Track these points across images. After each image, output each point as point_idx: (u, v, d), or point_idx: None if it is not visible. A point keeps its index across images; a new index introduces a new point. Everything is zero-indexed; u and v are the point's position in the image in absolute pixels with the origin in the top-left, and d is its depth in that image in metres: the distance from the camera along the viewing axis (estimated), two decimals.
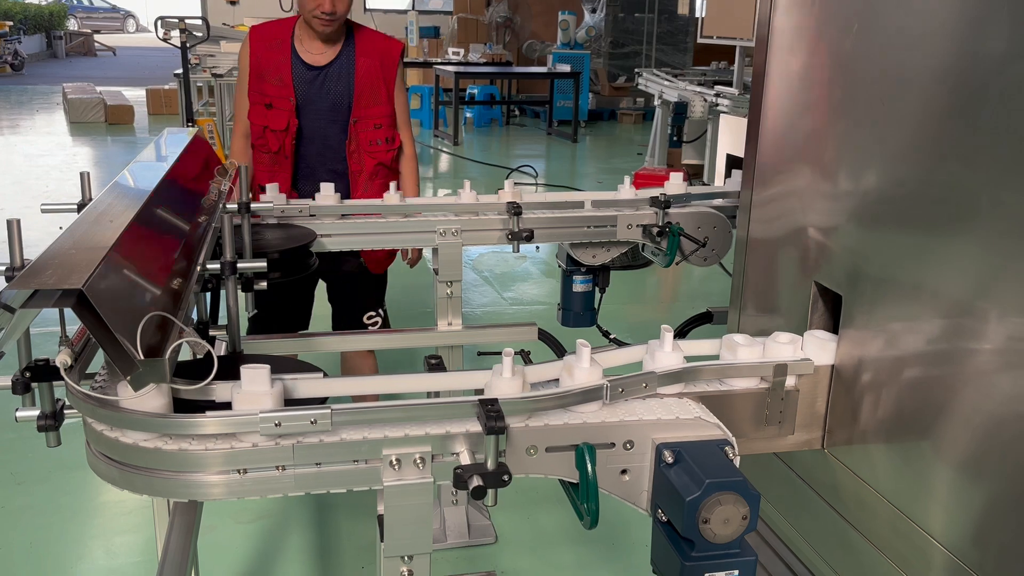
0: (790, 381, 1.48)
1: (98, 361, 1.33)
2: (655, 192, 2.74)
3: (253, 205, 2.10)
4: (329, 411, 1.22)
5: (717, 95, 7.38)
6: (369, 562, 2.76)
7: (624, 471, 1.36)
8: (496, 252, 6.41)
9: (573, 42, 13.96)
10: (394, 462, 1.27)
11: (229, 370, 1.38)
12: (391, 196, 2.61)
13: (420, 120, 13.10)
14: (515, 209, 2.57)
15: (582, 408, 1.34)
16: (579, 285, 2.92)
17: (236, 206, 2.02)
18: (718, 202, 2.85)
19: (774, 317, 1.69)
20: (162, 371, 1.13)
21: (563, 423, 1.32)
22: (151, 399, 1.20)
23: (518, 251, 2.62)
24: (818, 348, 1.49)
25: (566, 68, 12.47)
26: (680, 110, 8.08)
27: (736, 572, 1.28)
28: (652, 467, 1.36)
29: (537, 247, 6.54)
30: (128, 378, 1.13)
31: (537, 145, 12.12)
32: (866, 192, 1.42)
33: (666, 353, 1.44)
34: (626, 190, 2.80)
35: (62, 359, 1.16)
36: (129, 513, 3.04)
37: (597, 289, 2.96)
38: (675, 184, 2.83)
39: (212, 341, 1.83)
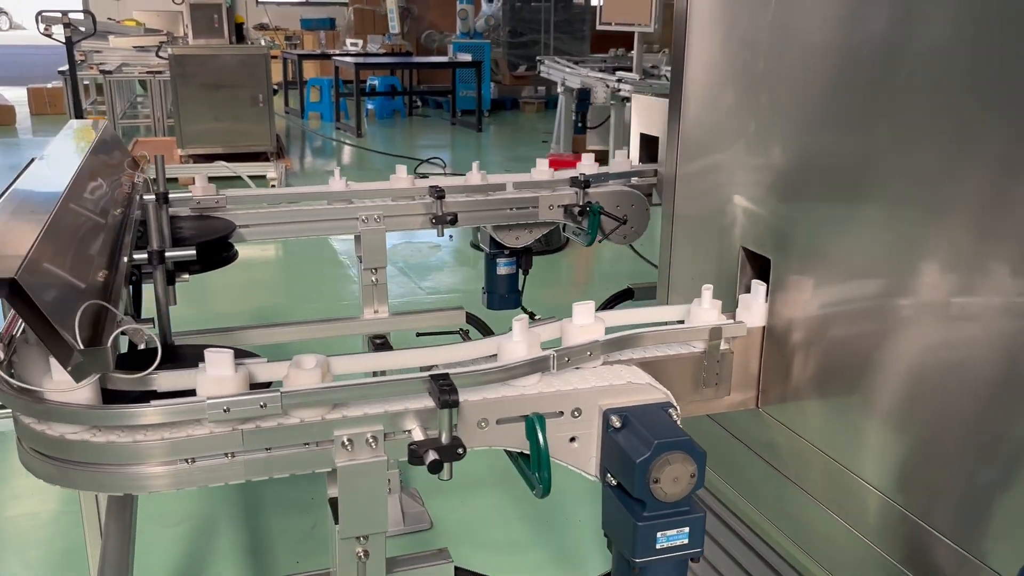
0: (724, 344, 1.53)
1: None
2: (574, 173, 2.78)
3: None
4: (279, 394, 1.20)
5: (619, 80, 7.49)
6: (304, 556, 2.72)
7: (573, 439, 1.38)
8: (409, 242, 6.36)
9: (473, 31, 13.95)
10: (346, 442, 1.26)
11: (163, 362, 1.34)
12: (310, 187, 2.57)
13: (320, 113, 12.88)
14: (438, 193, 2.57)
15: (529, 379, 1.35)
16: (503, 268, 2.94)
17: (154, 197, 1.95)
18: (634, 181, 2.91)
19: (703, 286, 1.74)
20: (104, 360, 1.10)
21: (512, 394, 1.33)
22: (81, 391, 1.15)
23: (442, 235, 2.62)
24: (749, 311, 1.55)
25: (467, 57, 12.45)
26: (583, 96, 8.17)
27: (687, 529, 1.32)
28: (600, 433, 1.38)
29: (450, 236, 6.54)
30: (69, 369, 1.09)
31: (442, 135, 12.07)
32: (788, 160, 1.48)
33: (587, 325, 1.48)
34: (542, 171, 2.83)
35: None
36: (44, 526, 2.91)
37: (520, 271, 2.98)
38: (588, 165, 2.87)
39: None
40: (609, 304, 2.97)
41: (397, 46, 13.87)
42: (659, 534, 1.31)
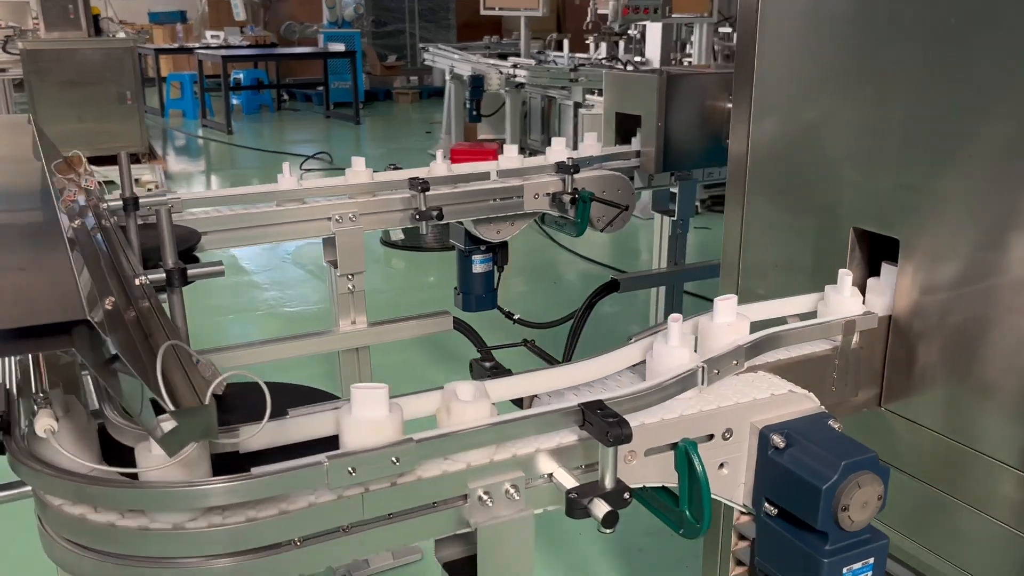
0: (856, 337, 1.35)
1: None
2: (555, 160, 2.56)
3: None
4: (413, 443, 0.93)
5: (515, 67, 7.31)
6: None
7: (722, 465, 1.17)
8: (313, 244, 5.96)
9: (341, 20, 13.44)
10: (483, 496, 1.00)
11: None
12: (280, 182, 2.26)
13: (183, 110, 12.09)
14: (422, 185, 2.29)
15: (684, 396, 1.14)
16: (479, 265, 2.69)
17: (121, 203, 1.61)
18: (615, 164, 2.72)
19: (791, 273, 1.56)
20: (208, 422, 0.80)
21: (662, 419, 1.11)
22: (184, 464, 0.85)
23: (426, 231, 2.35)
24: (881, 297, 1.38)
25: (340, 47, 11.96)
26: (477, 84, 7.94)
27: (872, 560, 1.14)
28: (751, 455, 1.18)
29: None
30: (159, 438, 0.79)
31: (316, 129, 11.56)
32: (924, 127, 1.31)
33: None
34: (510, 158, 2.59)
35: (46, 424, 0.79)
36: None
37: (495, 268, 2.74)
38: (559, 150, 2.66)
39: None
40: (594, 299, 2.77)
41: (261, 38, 13.18)
42: (845, 569, 1.12)
